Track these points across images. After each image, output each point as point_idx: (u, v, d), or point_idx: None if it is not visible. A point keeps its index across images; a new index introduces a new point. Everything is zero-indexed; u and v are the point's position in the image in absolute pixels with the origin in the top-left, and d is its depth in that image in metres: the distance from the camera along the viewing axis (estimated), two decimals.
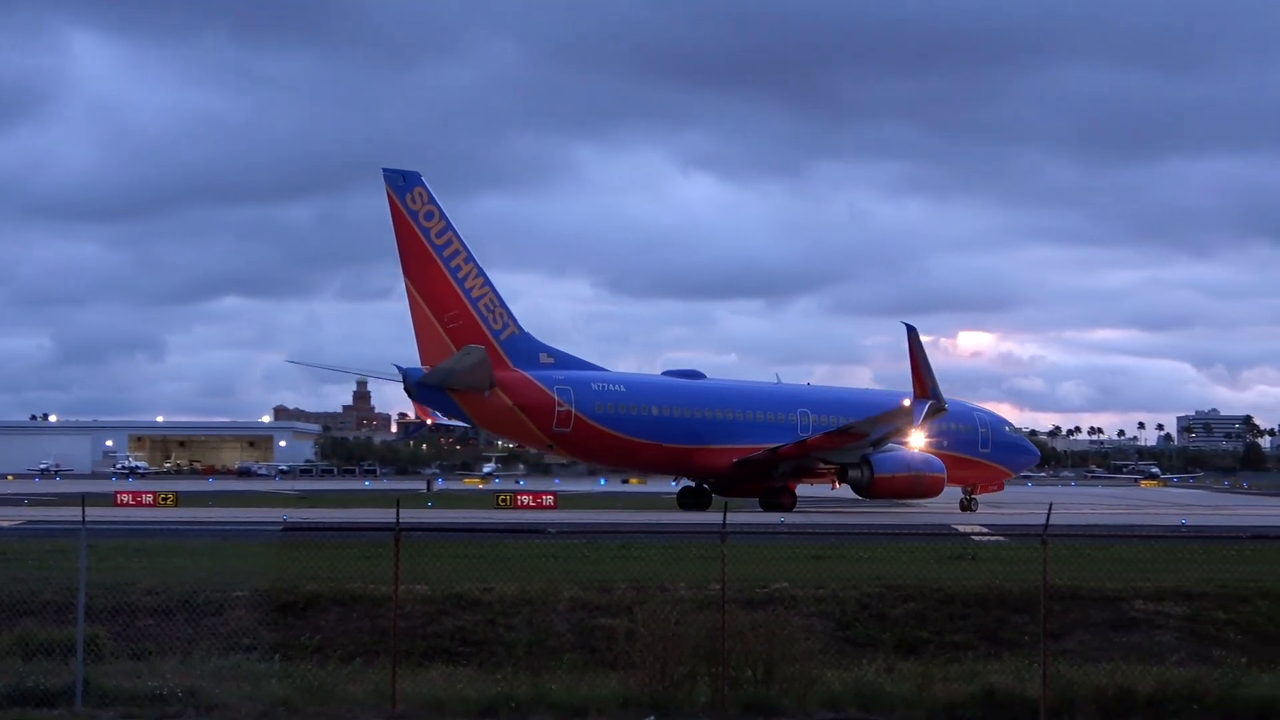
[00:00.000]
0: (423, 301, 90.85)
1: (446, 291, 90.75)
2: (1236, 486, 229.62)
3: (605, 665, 32.38)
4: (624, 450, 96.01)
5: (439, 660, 34.01)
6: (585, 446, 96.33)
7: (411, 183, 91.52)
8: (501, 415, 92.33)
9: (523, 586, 37.74)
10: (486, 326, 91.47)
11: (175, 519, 73.84)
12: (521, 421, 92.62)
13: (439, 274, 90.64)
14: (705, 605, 32.76)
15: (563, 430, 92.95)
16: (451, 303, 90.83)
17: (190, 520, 71.24)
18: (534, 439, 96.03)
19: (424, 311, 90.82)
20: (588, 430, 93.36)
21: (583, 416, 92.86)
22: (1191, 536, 48.87)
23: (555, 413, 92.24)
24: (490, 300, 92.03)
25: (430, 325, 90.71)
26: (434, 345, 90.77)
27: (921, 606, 37.32)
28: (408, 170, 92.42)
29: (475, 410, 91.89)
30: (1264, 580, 39.58)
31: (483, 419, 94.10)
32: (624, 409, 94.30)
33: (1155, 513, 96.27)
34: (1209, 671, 31.67)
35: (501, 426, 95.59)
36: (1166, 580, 39.22)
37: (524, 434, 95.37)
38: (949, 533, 57.21)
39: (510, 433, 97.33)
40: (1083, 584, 37.95)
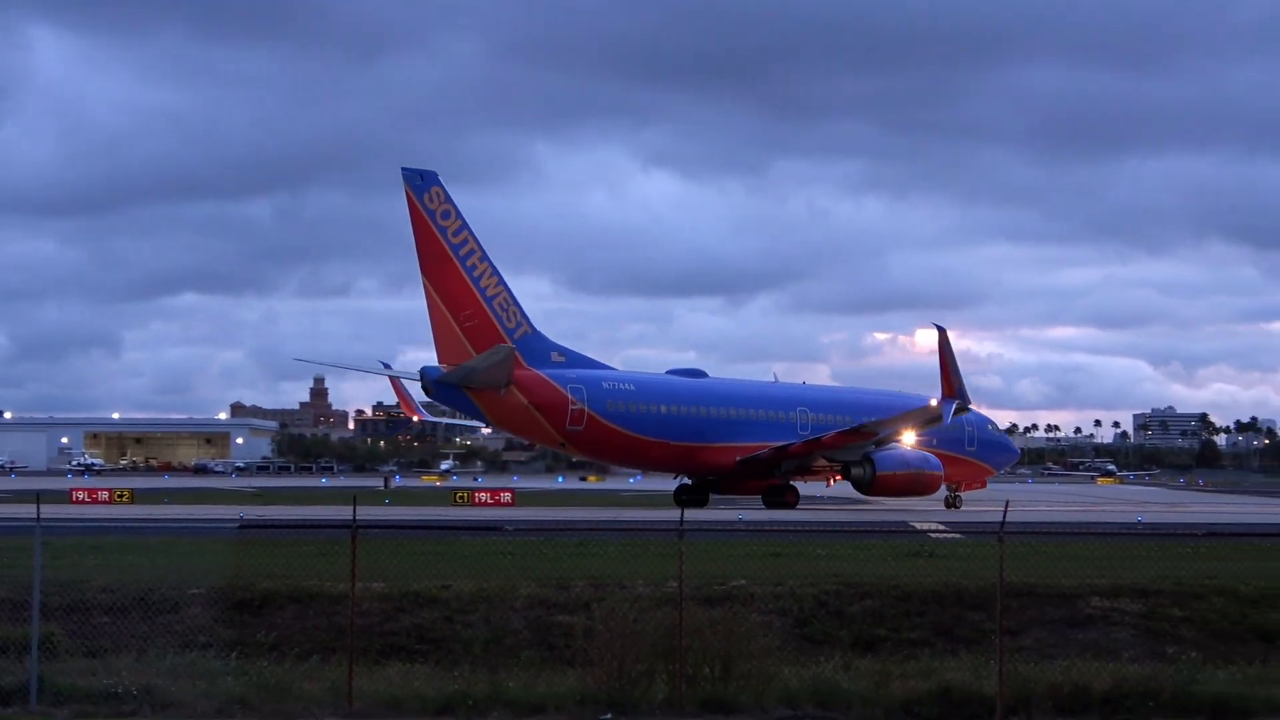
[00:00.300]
0: (440, 300, 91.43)
1: (463, 290, 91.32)
2: (1192, 484, 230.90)
3: (563, 663, 32.36)
4: (633, 448, 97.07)
5: (396, 658, 33.93)
6: (596, 444, 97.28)
7: (429, 182, 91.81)
8: (517, 413, 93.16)
9: (480, 584, 37.67)
10: (501, 325, 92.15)
11: (131, 516, 73.50)
12: (536, 420, 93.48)
13: (455, 273, 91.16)
14: (663, 603, 32.76)
15: (575, 428, 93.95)
16: (467, 301, 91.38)
17: (146, 517, 70.97)
18: (547, 437, 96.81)
19: (441, 310, 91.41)
20: (600, 428, 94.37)
21: (595, 415, 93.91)
22: (1147, 534, 49.13)
23: (569, 411, 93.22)
24: (504, 299, 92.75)
25: (447, 324, 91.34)
26: (451, 344, 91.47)
27: (879, 604, 37.39)
28: (425, 170, 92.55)
29: (491, 408, 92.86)
30: (1219, 577, 39.78)
31: (498, 417, 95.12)
32: (634, 407, 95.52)
33: (1111, 510, 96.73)
34: (1164, 668, 31.82)
35: (516, 424, 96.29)
36: (1122, 577, 39.37)
37: (538, 432, 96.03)
38: (906, 530, 57.34)
39: (524, 430, 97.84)
40: (1039, 581, 38.07)
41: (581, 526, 53.34)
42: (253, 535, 49.60)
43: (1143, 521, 69.43)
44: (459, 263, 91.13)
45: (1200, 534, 43.18)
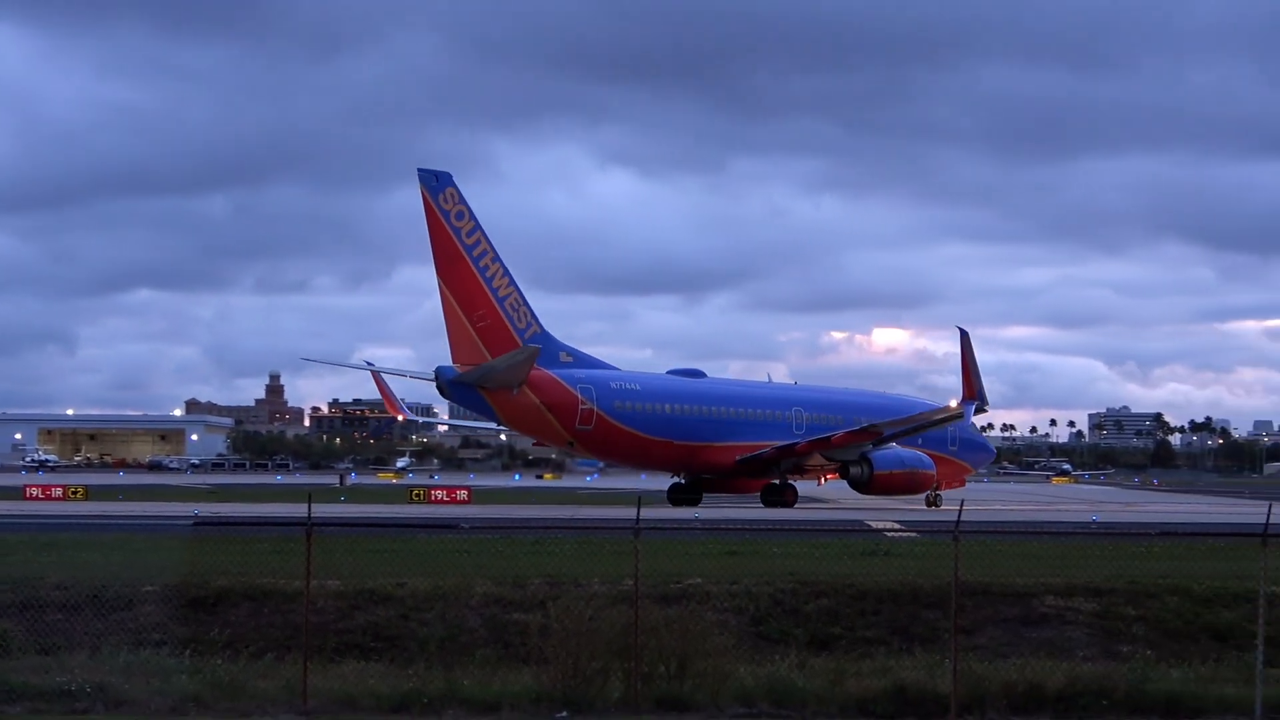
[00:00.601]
0: (454, 300, 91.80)
1: (476, 290, 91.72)
2: (1147, 483, 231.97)
3: (518, 661, 32.36)
4: (639, 448, 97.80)
5: (351, 656, 33.86)
6: (604, 444, 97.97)
7: (444, 183, 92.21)
8: (529, 413, 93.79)
9: (436, 582, 37.62)
10: (512, 325, 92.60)
11: (85, 513, 73.21)
12: (547, 419, 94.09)
13: (469, 273, 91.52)
14: (619, 601, 32.79)
15: (585, 428, 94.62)
16: (480, 302, 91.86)
17: (100, 514, 70.71)
18: (556, 437, 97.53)
19: (455, 310, 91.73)
20: (608, 428, 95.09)
21: (603, 415, 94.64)
22: (1102, 533, 49.37)
23: (579, 411, 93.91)
24: (515, 300, 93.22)
25: (461, 324, 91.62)
26: (464, 344, 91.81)
27: (834, 602, 37.46)
28: (440, 171, 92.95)
29: (504, 408, 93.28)
30: (1172, 577, 39.96)
31: (510, 416, 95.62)
32: (640, 407, 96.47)
33: (1066, 509, 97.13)
34: (1118, 667, 31.99)
35: (527, 424, 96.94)
36: (1077, 576, 39.53)
37: (548, 431, 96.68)
38: (862, 529, 57.47)
39: (535, 430, 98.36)
40: (994, 580, 38.19)
41: (538, 525, 53.35)
42: (207, 532, 49.44)
43: (1097, 521, 69.75)
44: (472, 263, 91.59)
45: (1154, 533, 43.44)
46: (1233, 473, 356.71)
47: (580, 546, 45.21)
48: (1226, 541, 45.18)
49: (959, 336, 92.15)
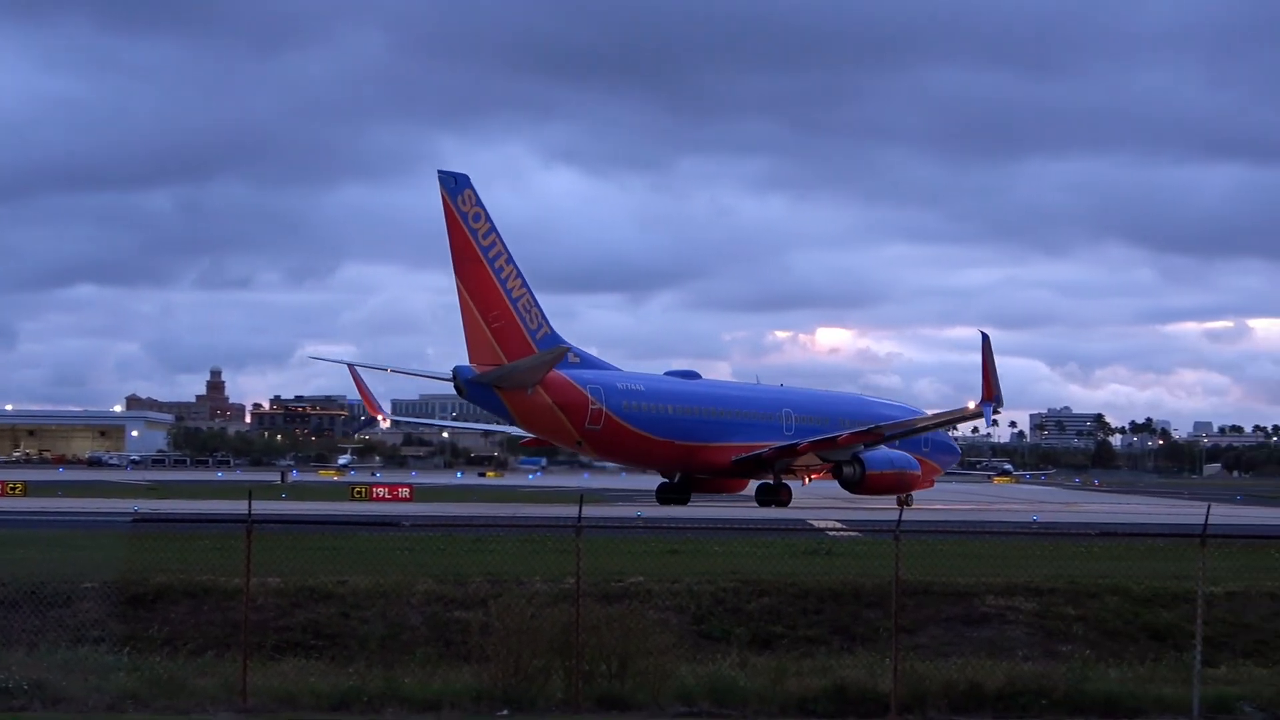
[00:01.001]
0: (471, 301, 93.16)
1: (491, 292, 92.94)
2: (1087, 484, 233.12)
3: (459, 659, 32.33)
4: (644, 448, 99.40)
5: (291, 653, 33.76)
6: (611, 444, 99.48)
7: (462, 185, 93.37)
8: (542, 413, 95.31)
9: (377, 579, 37.52)
10: (524, 326, 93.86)
11: (23, 509, 72.74)
12: (559, 419, 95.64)
13: (485, 275, 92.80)
14: (561, 599, 32.78)
15: (594, 428, 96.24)
16: (495, 303, 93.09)
17: (39, 510, 70.29)
18: (566, 436, 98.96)
19: (472, 311, 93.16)
20: (616, 428, 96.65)
21: (612, 415, 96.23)
22: (1042, 533, 49.57)
23: (589, 411, 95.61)
24: (527, 301, 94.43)
25: (477, 324, 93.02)
26: (480, 344, 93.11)
27: (776, 601, 37.52)
28: (458, 173, 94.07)
29: (518, 407, 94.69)
30: (1112, 577, 40.18)
31: (524, 416, 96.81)
32: (645, 408, 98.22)
33: (1007, 509, 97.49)
34: (1057, 667, 32.16)
35: (539, 423, 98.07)
36: (1017, 576, 39.67)
37: (558, 431, 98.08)
38: (804, 528, 57.57)
39: (546, 429, 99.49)
40: (935, 579, 38.30)
41: (480, 522, 53.31)
42: (147, 529, 49.25)
43: (1038, 521, 70.04)
44: (488, 264, 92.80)
45: (1094, 534, 43.73)
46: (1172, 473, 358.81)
47: (522, 545, 45.18)
48: (1165, 542, 45.49)
49: (981, 340, 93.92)
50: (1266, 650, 35.98)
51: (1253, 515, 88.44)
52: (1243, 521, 72.51)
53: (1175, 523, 63.72)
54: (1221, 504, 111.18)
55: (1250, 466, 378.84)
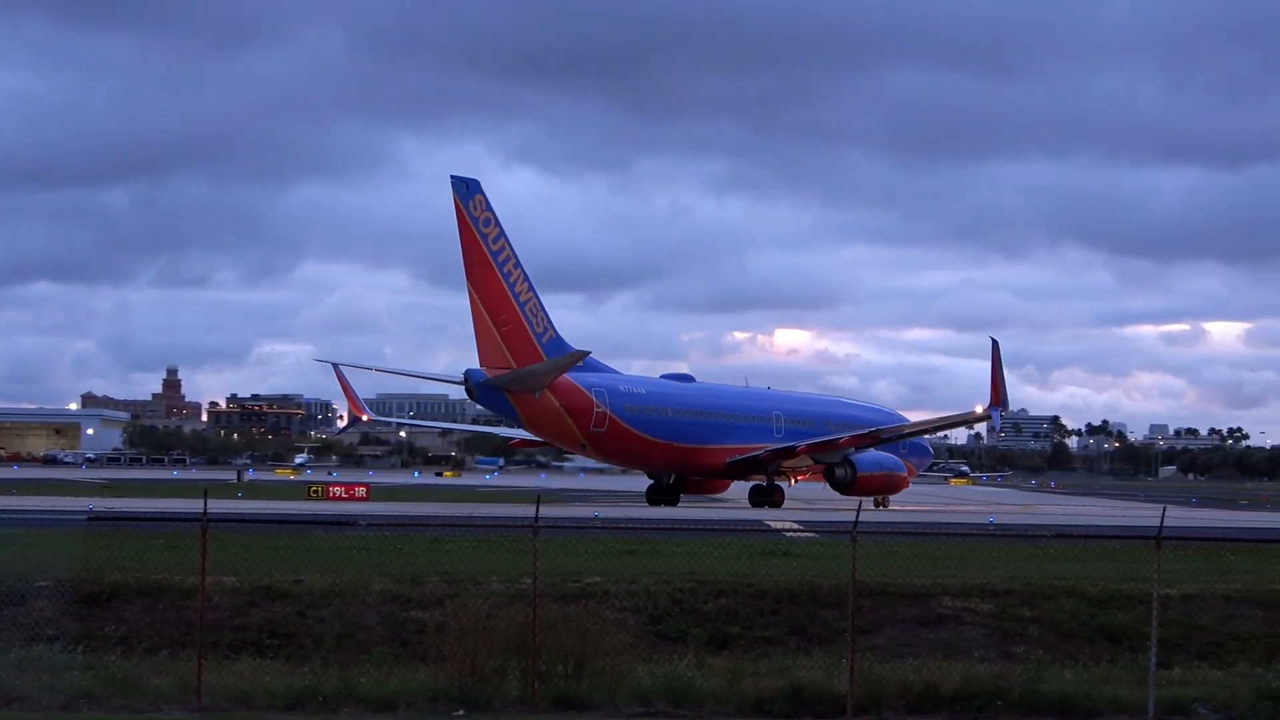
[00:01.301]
0: (482, 305, 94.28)
1: (501, 296, 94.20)
2: (1044, 486, 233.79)
3: (415, 659, 32.29)
4: (645, 450, 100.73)
5: (246, 653, 33.67)
6: (614, 447, 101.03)
7: (473, 190, 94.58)
8: (549, 416, 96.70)
9: (333, 579, 37.44)
10: (531, 330, 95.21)
11: None
12: (565, 422, 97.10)
13: (495, 279, 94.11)
14: (517, 599, 32.76)
15: (598, 431, 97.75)
16: (504, 307, 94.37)
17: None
18: (571, 439, 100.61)
19: (483, 315, 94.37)
20: (619, 431, 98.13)
21: (615, 418, 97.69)
22: (998, 535, 49.66)
23: (593, 414, 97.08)
24: (534, 305, 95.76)
25: (488, 328, 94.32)
26: (491, 348, 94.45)
27: (733, 602, 37.55)
28: (470, 178, 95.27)
29: (526, 410, 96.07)
30: (1068, 578, 40.33)
31: (531, 419, 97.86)
32: (646, 410, 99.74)
33: (964, 511, 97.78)
34: (1013, 668, 32.26)
35: (546, 426, 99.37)
36: (973, 578, 39.79)
37: (564, 433, 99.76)
38: (762, 529, 57.62)
39: (551, 432, 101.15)
40: (891, 580, 38.40)
41: (437, 522, 53.19)
42: (102, 528, 48.99)
43: (994, 523, 70.21)
44: (498, 269, 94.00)
45: (1050, 535, 43.86)
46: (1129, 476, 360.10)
47: (479, 544, 45.14)
48: (1121, 544, 45.74)
49: (991, 346, 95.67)
50: (1221, 652, 36.17)
51: (1208, 518, 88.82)
52: (1198, 524, 72.81)
53: (1131, 525, 64.02)
54: (1177, 506, 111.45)
55: (1206, 469, 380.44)
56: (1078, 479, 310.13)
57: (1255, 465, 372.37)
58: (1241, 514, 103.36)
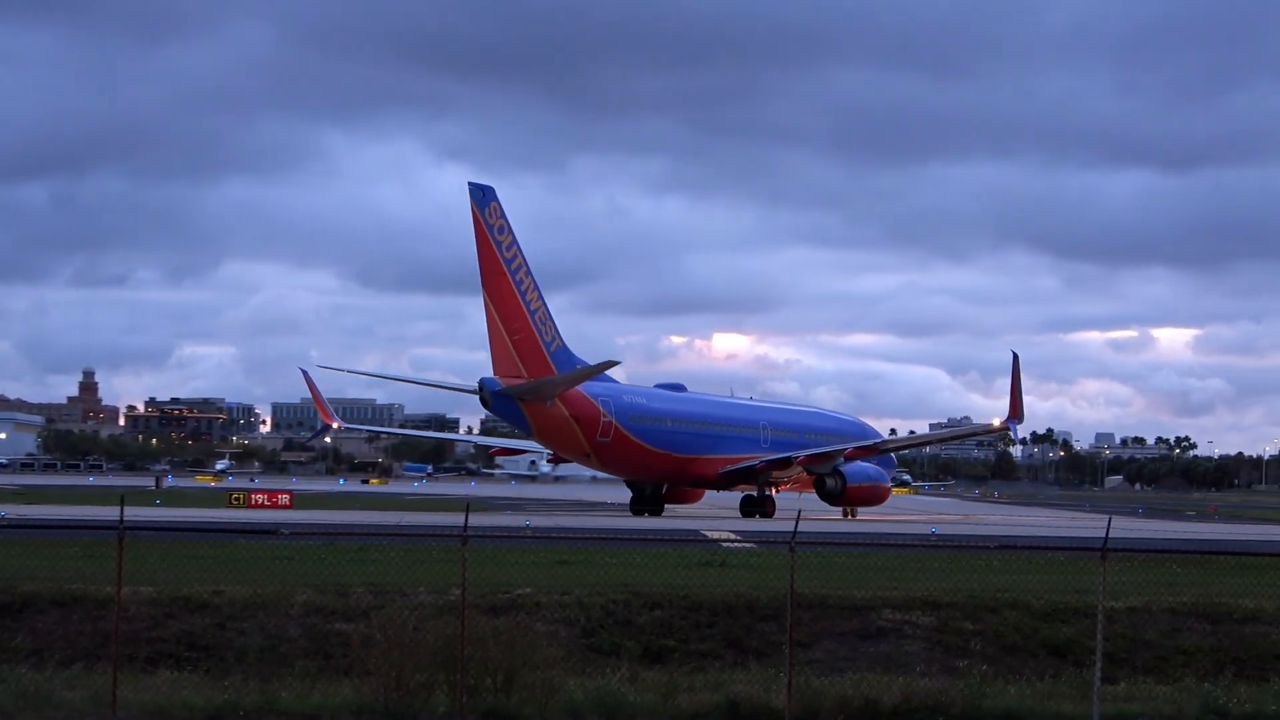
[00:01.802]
0: (496, 314, 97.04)
1: (513, 304, 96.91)
2: (987, 495, 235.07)
3: (339, 672, 32.17)
4: (645, 460, 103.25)
5: (164, 666, 33.46)
6: (617, 456, 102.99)
7: (489, 198, 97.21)
8: (558, 425, 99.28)
9: (254, 589, 37.27)
10: (540, 339, 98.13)
11: None
12: (573, 431, 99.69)
13: (508, 287, 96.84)
14: (445, 611, 32.70)
15: (604, 440, 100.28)
16: (516, 315, 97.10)
17: None
18: (577, 448, 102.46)
19: (497, 324, 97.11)
20: (623, 441, 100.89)
21: (620, 428, 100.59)
22: (940, 545, 49.88)
23: (600, 423, 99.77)
24: (543, 313, 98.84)
25: (501, 337, 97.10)
26: (503, 356, 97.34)
27: (668, 614, 37.56)
28: (486, 185, 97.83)
29: (537, 419, 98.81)
30: (1011, 591, 40.48)
31: (541, 428, 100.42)
32: (647, 420, 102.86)
33: (905, 521, 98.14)
34: (954, 683, 32.35)
35: (554, 435, 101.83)
36: (915, 590, 39.92)
37: (571, 443, 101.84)
38: (698, 539, 57.71)
39: (559, 441, 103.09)
40: (831, 592, 38.48)
41: (362, 531, 53.03)
42: (14, 535, 48.64)
43: (936, 533, 70.53)
44: (510, 277, 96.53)
45: (993, 546, 43.97)
46: (1074, 485, 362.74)
47: (406, 554, 45.05)
48: (1066, 555, 45.88)
49: (1011, 359, 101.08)
50: (1166, 667, 36.39)
51: (1154, 529, 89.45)
52: (1144, 535, 73.32)
53: (1076, 536, 64.41)
54: (1123, 517, 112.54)
55: (1152, 479, 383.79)
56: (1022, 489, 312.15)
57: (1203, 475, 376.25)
58: (1188, 525, 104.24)
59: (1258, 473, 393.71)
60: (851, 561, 45.66)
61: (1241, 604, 39.87)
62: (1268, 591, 40.72)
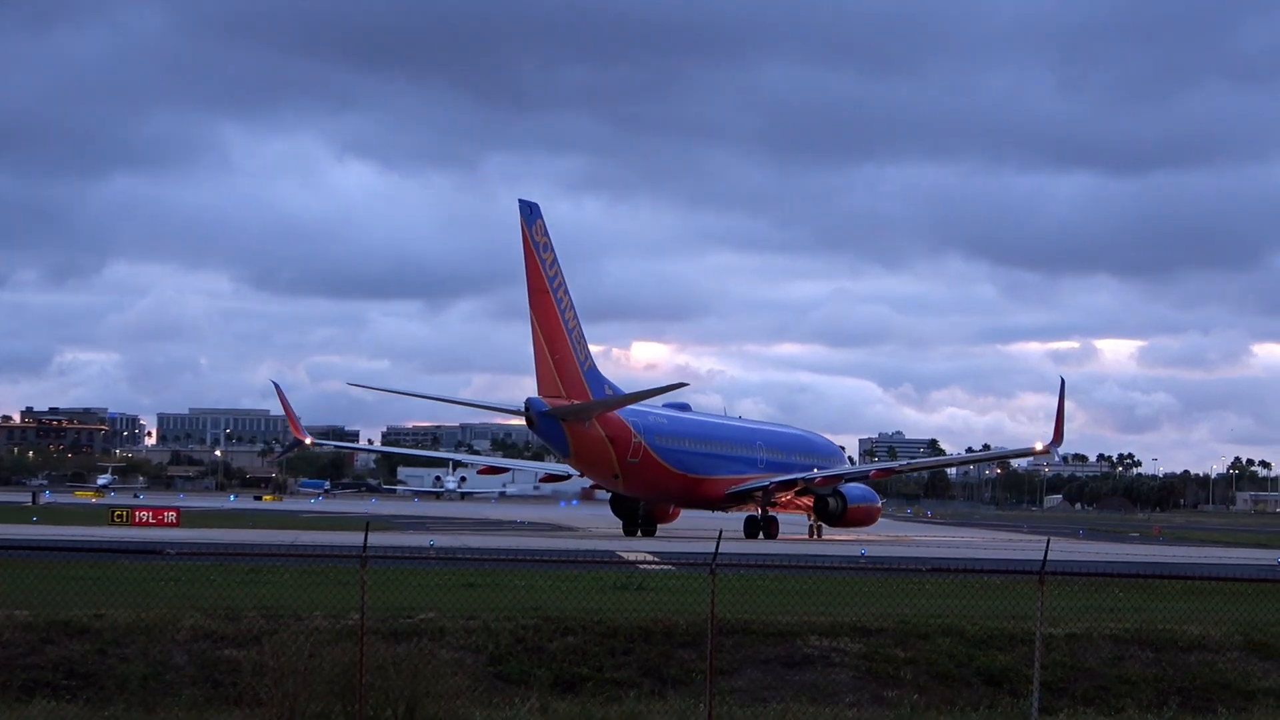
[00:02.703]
0: (541, 333, 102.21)
1: (555, 323, 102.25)
2: (920, 515, 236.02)
3: (229, 702, 32.04)
4: (665, 480, 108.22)
5: (41, 695, 33.23)
6: (644, 477, 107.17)
7: (535, 215, 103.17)
8: (596, 445, 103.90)
9: (138, 613, 37.03)
10: (576, 358, 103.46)
11: None
12: (607, 452, 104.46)
13: (551, 306, 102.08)
14: (343, 636, 32.58)
15: (634, 461, 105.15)
16: (557, 334, 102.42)
17: None
18: (607, 469, 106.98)
19: (541, 342, 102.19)
20: (649, 462, 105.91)
21: (648, 449, 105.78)
22: (870, 568, 50.10)
23: (631, 444, 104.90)
24: (579, 333, 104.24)
25: (544, 356, 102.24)
26: (547, 376, 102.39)
27: (581, 640, 37.56)
28: (532, 202, 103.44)
29: (577, 439, 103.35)
30: (944, 616, 40.68)
31: (580, 448, 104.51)
32: (669, 441, 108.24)
33: (833, 542, 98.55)
34: (885, 713, 32.57)
35: (590, 456, 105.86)
36: (843, 615, 40.05)
37: (604, 463, 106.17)
38: (613, 560, 57.75)
39: (594, 461, 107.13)
40: (754, 617, 38.57)
41: (255, 551, 52.89)
42: None
43: (866, 555, 70.83)
44: (553, 295, 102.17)
45: (925, 569, 44.29)
46: (1011, 505, 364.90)
47: (302, 576, 44.92)
48: (1002, 578, 46.14)
49: (1059, 384, 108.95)
50: (1107, 697, 36.67)
51: (1095, 551, 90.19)
52: (1084, 558, 73.90)
53: (1013, 558, 64.69)
54: (1062, 538, 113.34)
55: (1094, 498, 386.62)
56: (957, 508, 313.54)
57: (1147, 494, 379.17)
58: (1131, 547, 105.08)
59: (1204, 492, 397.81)
60: (776, 585, 45.82)
61: (1186, 631, 40.21)
62: (1213, 618, 41.11)
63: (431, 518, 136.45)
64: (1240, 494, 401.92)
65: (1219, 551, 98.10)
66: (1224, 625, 40.58)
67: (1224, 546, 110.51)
